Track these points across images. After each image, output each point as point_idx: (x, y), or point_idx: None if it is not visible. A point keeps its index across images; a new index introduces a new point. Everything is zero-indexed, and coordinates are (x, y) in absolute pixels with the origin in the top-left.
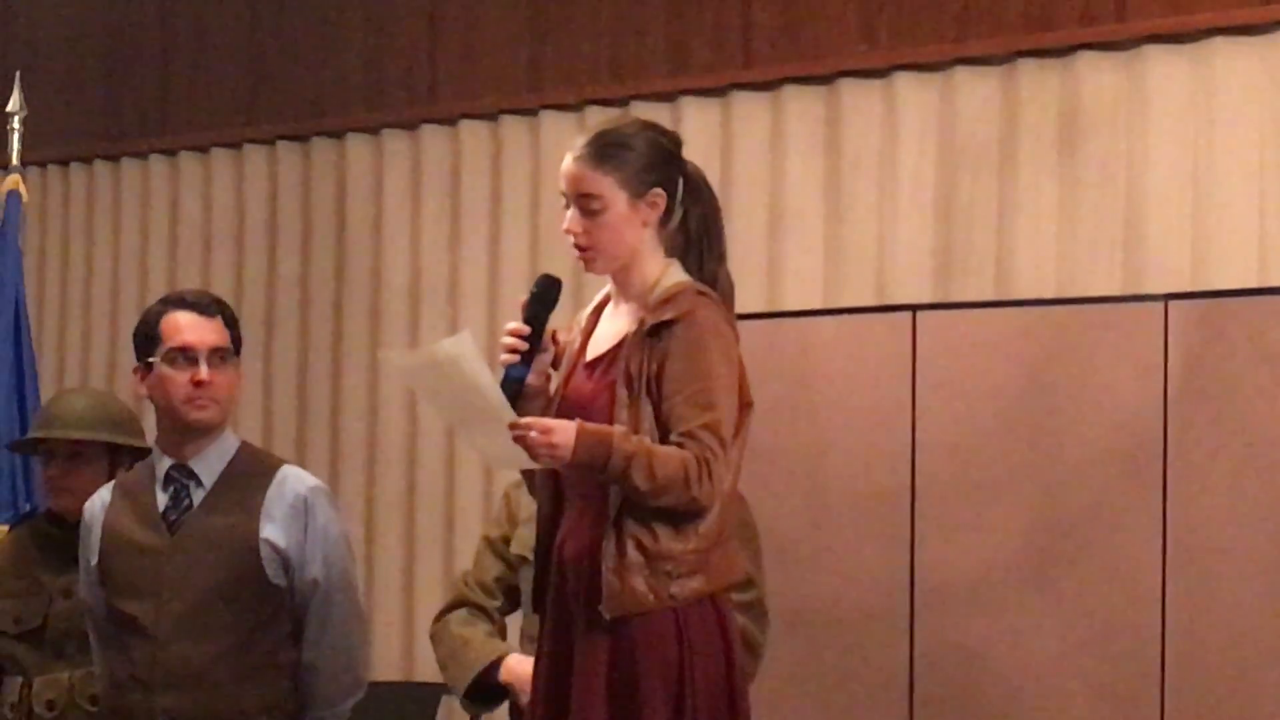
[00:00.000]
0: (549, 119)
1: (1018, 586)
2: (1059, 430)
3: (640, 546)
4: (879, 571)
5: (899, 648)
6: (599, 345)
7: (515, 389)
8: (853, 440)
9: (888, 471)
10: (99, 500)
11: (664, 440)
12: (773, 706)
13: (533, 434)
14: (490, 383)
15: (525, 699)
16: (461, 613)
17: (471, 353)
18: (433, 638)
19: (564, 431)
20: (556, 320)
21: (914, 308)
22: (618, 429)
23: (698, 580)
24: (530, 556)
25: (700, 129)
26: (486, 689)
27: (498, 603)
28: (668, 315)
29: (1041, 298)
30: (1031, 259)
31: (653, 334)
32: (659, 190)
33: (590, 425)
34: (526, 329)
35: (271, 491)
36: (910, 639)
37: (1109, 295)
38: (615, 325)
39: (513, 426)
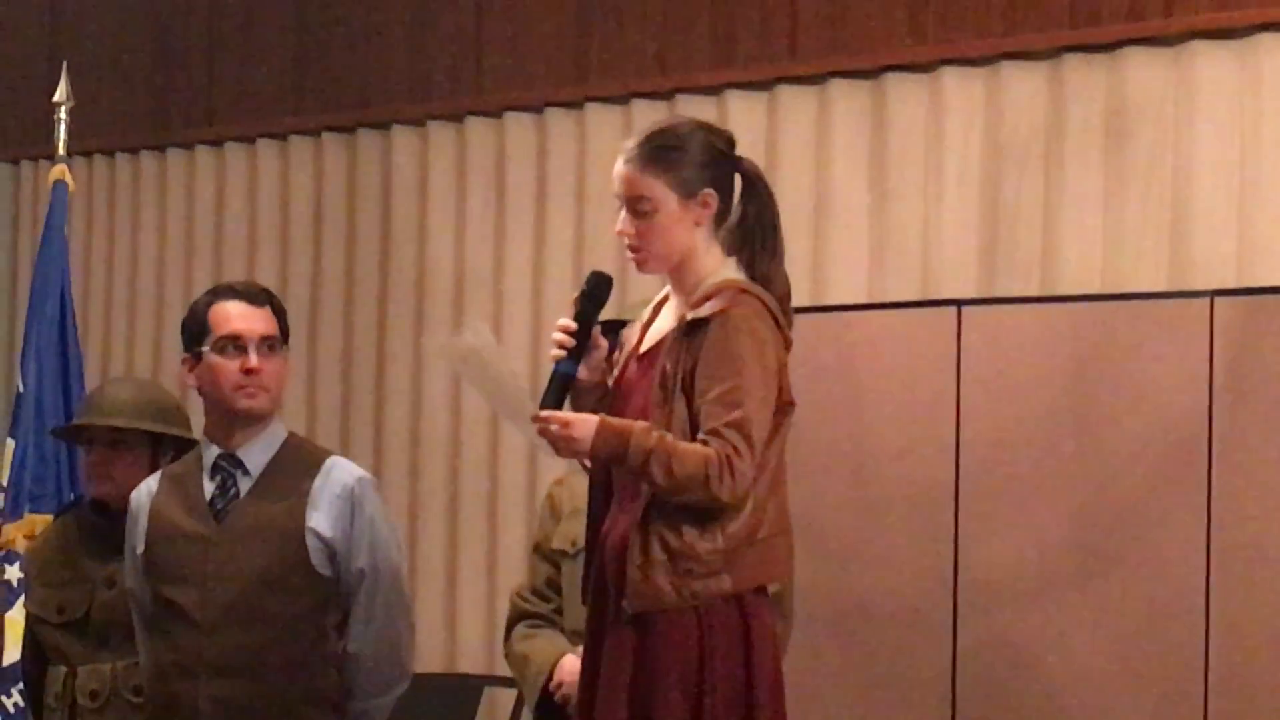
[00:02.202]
0: (594, 111)
1: (1061, 583)
2: (1104, 426)
3: (665, 544)
4: (922, 568)
5: (942, 644)
6: (652, 339)
7: (564, 384)
8: (897, 436)
9: (931, 467)
10: (146, 489)
11: (695, 439)
12: (815, 703)
13: (553, 427)
14: (511, 372)
15: (571, 694)
16: (520, 628)
17: (488, 343)
18: (505, 659)
19: (583, 426)
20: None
21: (959, 303)
22: (639, 424)
23: (723, 580)
24: (570, 549)
25: (745, 123)
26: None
27: (554, 604)
28: (703, 313)
29: (1087, 293)
30: (1077, 254)
31: (689, 331)
32: (710, 191)
33: (612, 420)
34: (574, 325)
35: (318, 481)
36: (953, 636)
37: (1154, 291)
38: (666, 320)
39: (535, 419)
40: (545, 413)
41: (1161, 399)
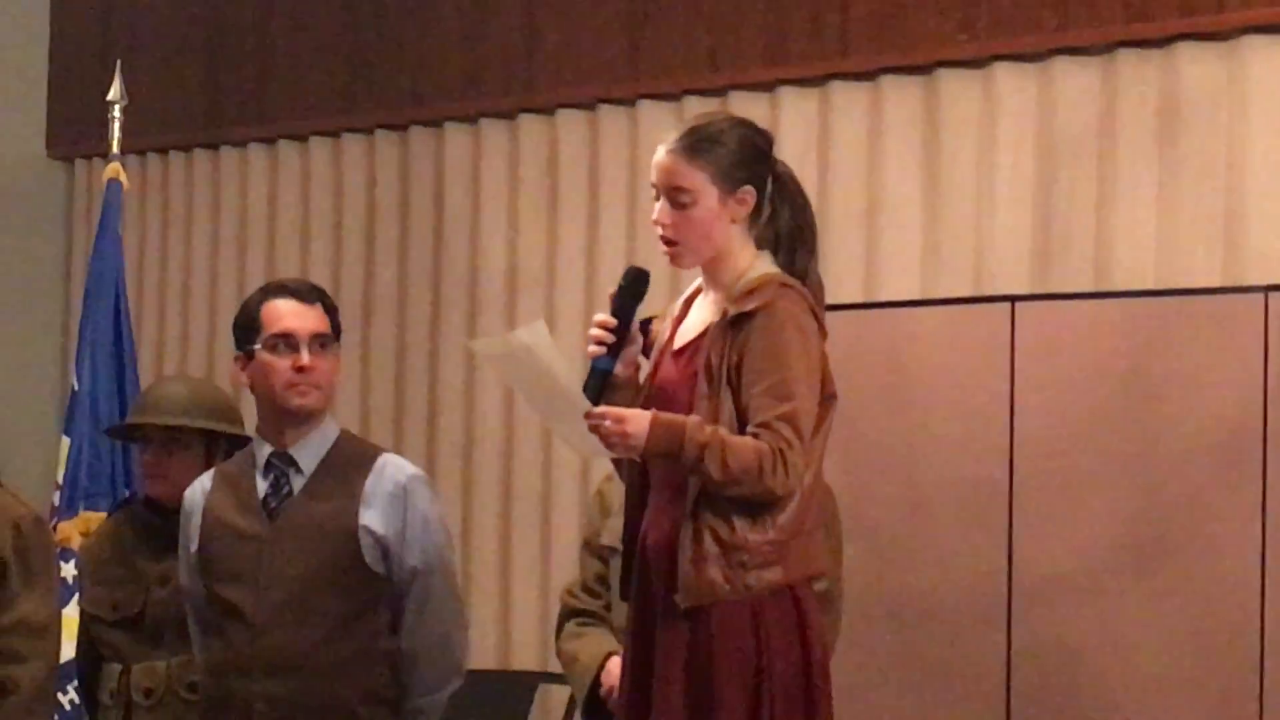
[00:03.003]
0: (647, 109)
1: (1115, 579)
2: (1157, 422)
3: (716, 537)
4: (976, 564)
5: (996, 641)
6: (686, 334)
7: (602, 380)
8: (950, 432)
9: (985, 463)
10: (200, 487)
11: (743, 431)
12: (868, 698)
13: (607, 423)
14: (566, 371)
15: None
16: (570, 625)
17: (545, 342)
18: (557, 656)
19: (637, 421)
20: (650, 309)
21: (1012, 299)
22: (692, 419)
23: (775, 571)
24: (619, 546)
25: (798, 119)
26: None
27: (603, 600)
28: (748, 306)
29: (1140, 289)
30: (1131, 250)
31: (734, 325)
32: (749, 187)
33: (664, 415)
34: (613, 321)
35: (371, 479)
36: (1007, 633)
37: (1209, 287)
38: (702, 315)
39: (588, 416)
40: (600, 409)
41: (1215, 394)
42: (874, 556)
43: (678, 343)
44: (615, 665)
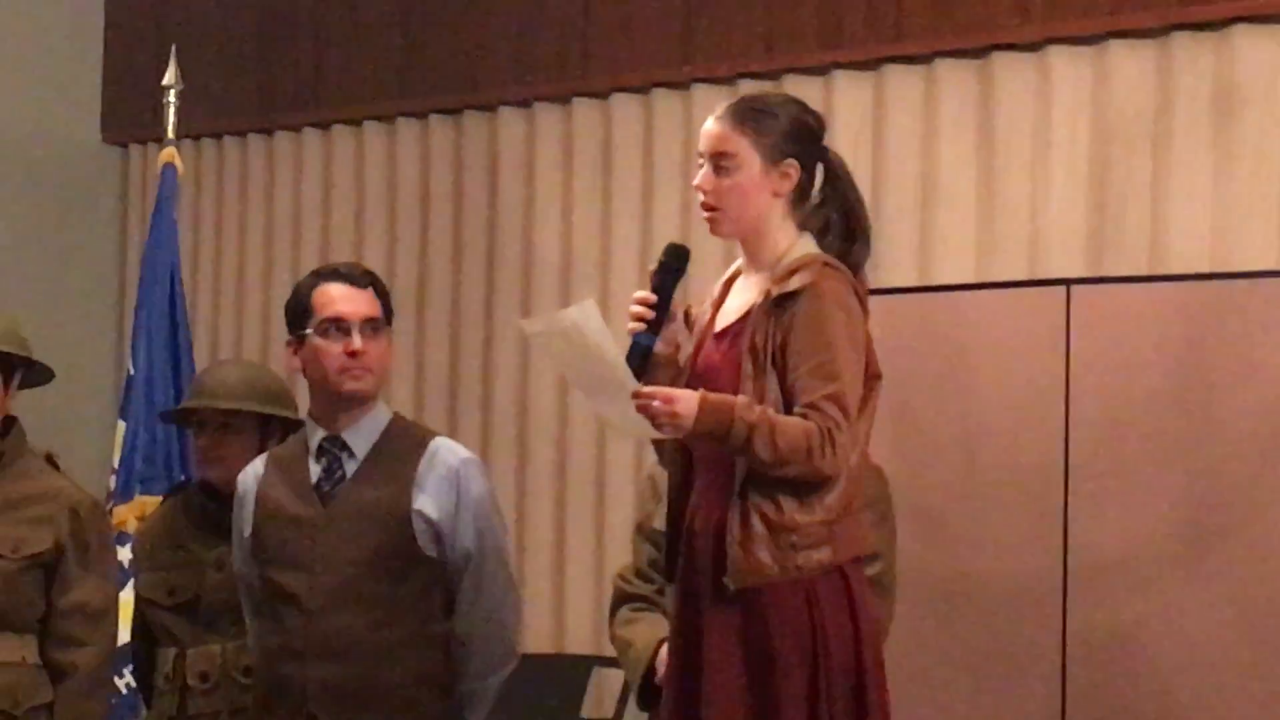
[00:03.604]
0: (701, 92)
1: (1172, 564)
2: (1214, 406)
3: (764, 518)
4: (1032, 549)
5: (1052, 626)
6: (728, 316)
7: (642, 357)
8: (1005, 416)
9: (1041, 448)
10: (252, 472)
11: (789, 412)
12: (923, 683)
13: (655, 403)
14: (615, 351)
15: None
16: (623, 611)
17: (595, 321)
18: (611, 642)
19: (686, 401)
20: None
21: (1068, 282)
22: (740, 399)
23: (824, 551)
24: None
25: (852, 103)
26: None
27: (656, 585)
28: (792, 286)
29: (1196, 272)
30: (1186, 233)
31: (778, 305)
32: (793, 161)
33: (713, 395)
34: (653, 297)
35: (423, 463)
36: (1063, 616)
37: (1264, 270)
38: (744, 296)
39: (636, 395)
40: (649, 389)
41: (1272, 377)
42: (929, 541)
43: (719, 325)
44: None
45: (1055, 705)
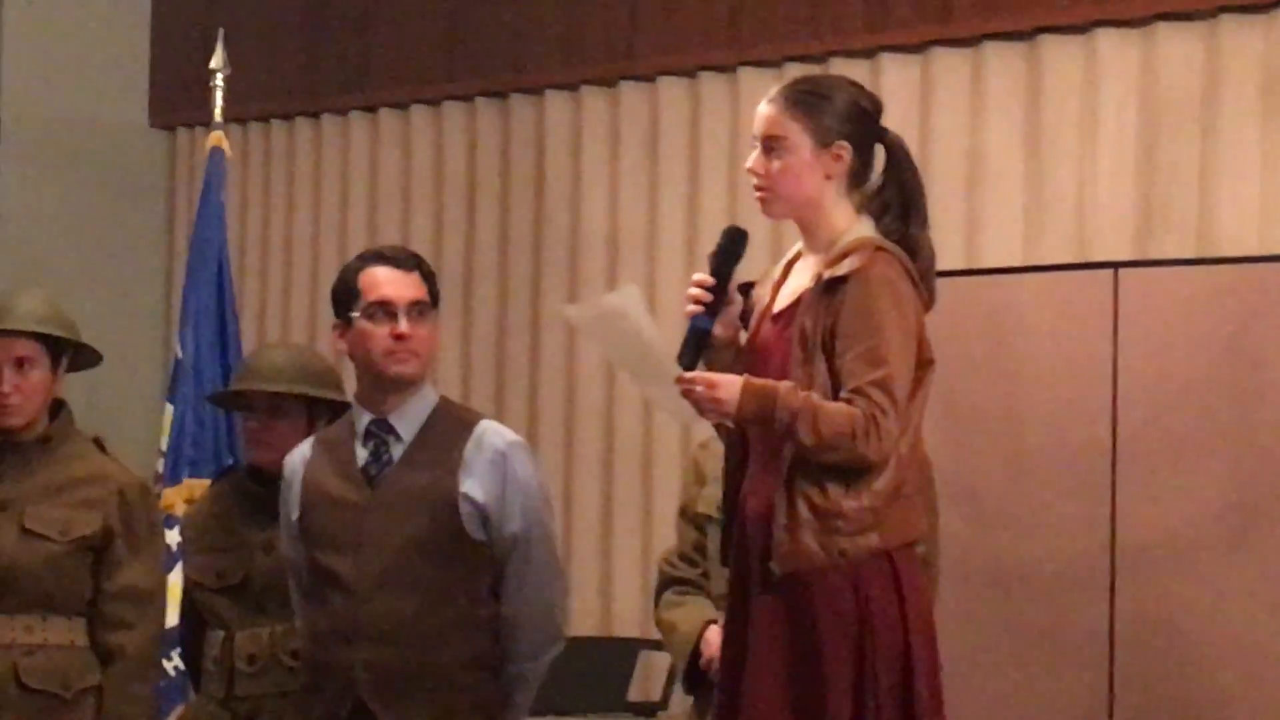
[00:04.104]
0: (748, 75)
1: (1220, 546)
2: (1262, 389)
3: (811, 504)
4: (1079, 531)
5: (1099, 608)
6: (785, 298)
7: (700, 340)
8: (1053, 399)
9: (1088, 430)
10: (299, 455)
11: (837, 397)
12: (970, 664)
13: (698, 388)
14: (656, 336)
15: None
16: (668, 594)
17: (638, 306)
18: (656, 625)
19: (729, 386)
20: (749, 272)
21: (1115, 265)
22: (784, 384)
23: (870, 538)
24: (716, 514)
25: (899, 86)
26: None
27: (700, 568)
28: (842, 271)
29: (1244, 255)
30: (1234, 216)
31: (828, 290)
32: (844, 143)
33: (756, 380)
34: (711, 280)
35: (470, 446)
36: (1110, 599)
37: None
38: (800, 279)
39: (679, 381)
40: (691, 374)
41: None
42: (976, 523)
43: (777, 306)
44: (714, 634)
45: (1102, 688)
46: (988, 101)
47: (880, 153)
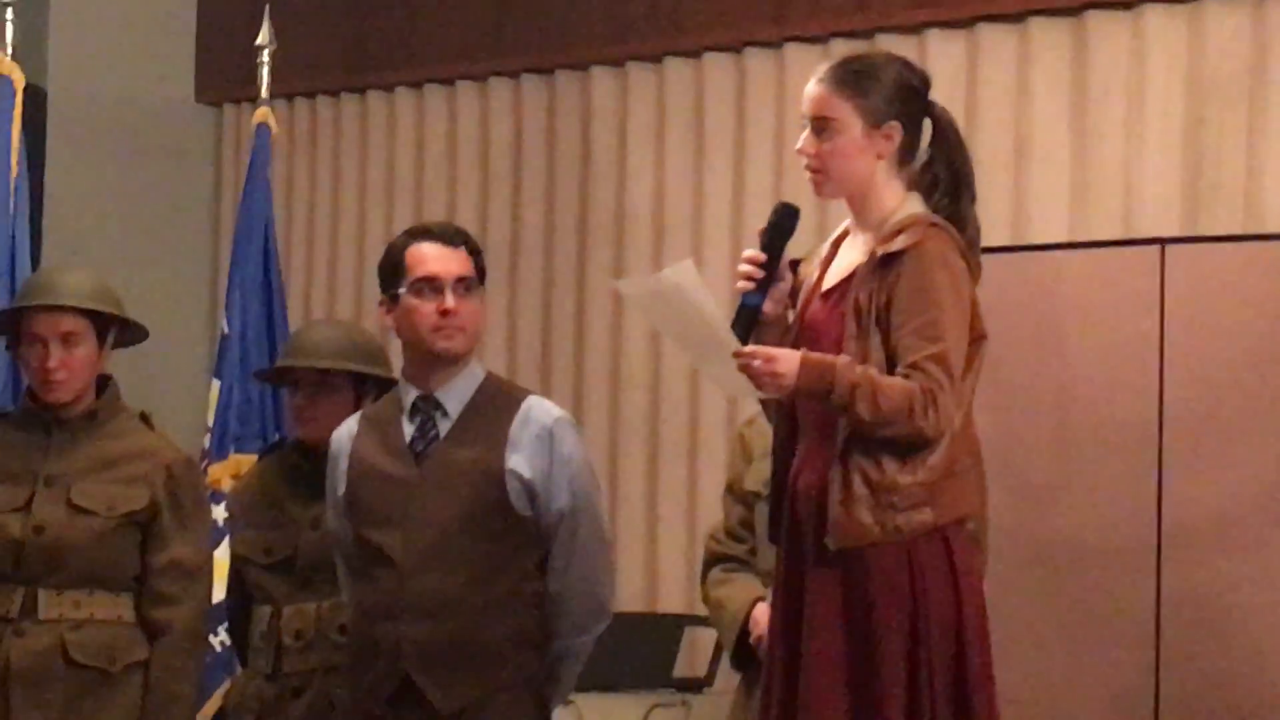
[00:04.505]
0: (793, 51)
1: (1267, 523)
2: None
3: (866, 479)
4: (1125, 508)
5: (1145, 585)
6: (835, 275)
7: (751, 317)
8: (1099, 375)
9: (1135, 407)
10: (346, 431)
11: (892, 372)
12: (1016, 641)
13: (756, 363)
14: (714, 311)
15: None
16: (715, 571)
17: (694, 281)
18: (703, 603)
19: (787, 360)
20: (797, 249)
21: (1162, 241)
22: (842, 359)
23: (925, 513)
24: (763, 490)
25: (945, 61)
26: (752, 649)
27: (747, 544)
28: (897, 246)
29: None
30: None
31: (882, 265)
32: (895, 123)
33: (814, 355)
34: (763, 257)
35: (517, 422)
36: (1157, 576)
37: None
38: (851, 255)
39: (737, 355)
40: (749, 348)
41: None
42: (1022, 500)
43: (826, 284)
44: (762, 612)
45: (1149, 665)
46: (1034, 77)
47: (927, 126)
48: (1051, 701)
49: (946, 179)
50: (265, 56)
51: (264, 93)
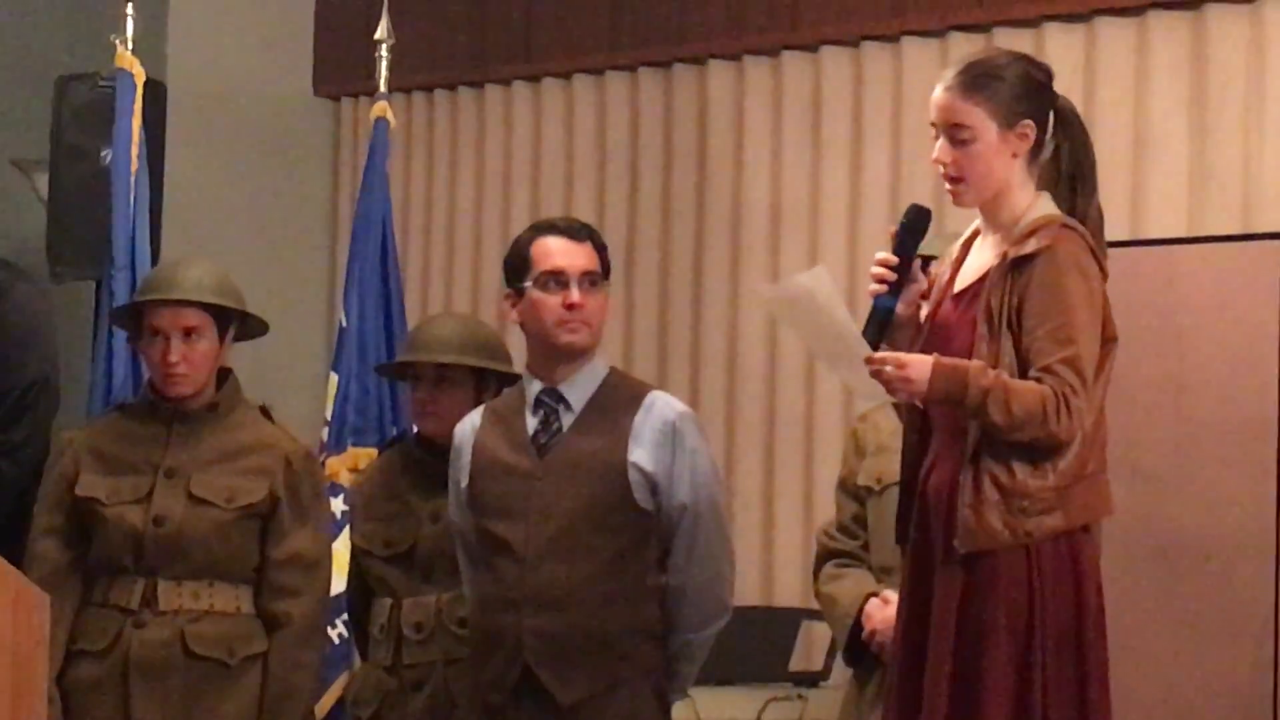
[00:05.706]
0: (911, 45)
1: None
2: None
3: (997, 483)
4: (1244, 504)
5: (1265, 583)
6: (966, 277)
7: (883, 319)
8: (1218, 371)
9: (1254, 402)
10: (469, 423)
11: (1024, 375)
12: (1132, 637)
13: (888, 369)
14: (845, 316)
15: (886, 641)
16: (828, 567)
17: (826, 287)
18: (816, 598)
19: (920, 366)
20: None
21: None
22: (974, 363)
23: (1055, 518)
24: (876, 486)
25: (1064, 55)
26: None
27: (860, 540)
28: (1029, 249)
29: None
30: None
31: (1014, 267)
32: (1028, 121)
33: (947, 360)
34: (895, 259)
35: (640, 416)
36: (1276, 574)
37: None
38: (982, 257)
39: (869, 361)
40: (880, 354)
41: None
42: (1142, 495)
43: (958, 285)
44: (875, 607)
45: (1268, 662)
46: (1152, 71)
47: (1051, 118)
48: (1169, 698)
49: (1068, 172)
50: (383, 50)
51: (382, 87)
